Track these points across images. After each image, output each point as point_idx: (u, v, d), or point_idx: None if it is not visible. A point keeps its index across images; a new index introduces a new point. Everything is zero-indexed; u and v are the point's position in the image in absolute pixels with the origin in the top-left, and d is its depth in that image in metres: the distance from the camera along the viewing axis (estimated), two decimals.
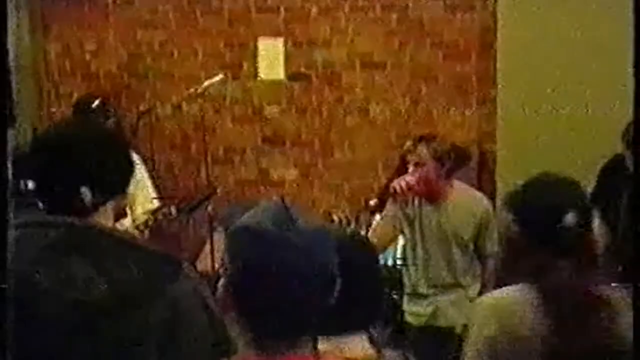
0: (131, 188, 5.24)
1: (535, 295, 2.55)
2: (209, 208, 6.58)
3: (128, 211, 5.14)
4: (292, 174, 7.56)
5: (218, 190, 6.16)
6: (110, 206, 2.29)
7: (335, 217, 6.14)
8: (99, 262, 2.08)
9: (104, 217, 2.27)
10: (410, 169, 4.73)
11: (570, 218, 2.57)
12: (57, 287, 2.05)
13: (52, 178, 2.23)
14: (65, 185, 2.21)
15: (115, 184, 2.32)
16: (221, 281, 1.80)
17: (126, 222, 4.93)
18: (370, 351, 2.19)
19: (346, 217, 6.17)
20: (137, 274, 2.10)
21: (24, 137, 7.50)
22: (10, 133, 5.89)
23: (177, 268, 2.19)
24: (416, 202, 4.82)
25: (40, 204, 2.26)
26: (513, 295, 2.61)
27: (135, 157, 5.44)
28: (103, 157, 2.27)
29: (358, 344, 2.15)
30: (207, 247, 6.84)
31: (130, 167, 2.39)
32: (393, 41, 7.07)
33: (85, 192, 2.20)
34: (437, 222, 4.79)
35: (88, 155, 2.24)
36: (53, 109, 8.24)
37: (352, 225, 5.95)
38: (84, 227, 2.16)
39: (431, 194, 4.76)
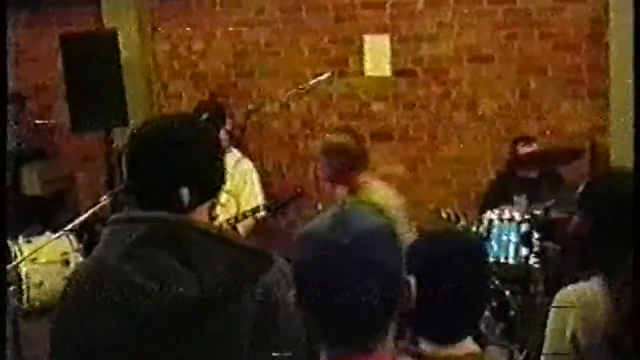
0: (240, 184, 5.40)
1: (609, 288, 2.54)
2: (319, 206, 6.62)
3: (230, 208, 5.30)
4: (399, 169, 7.54)
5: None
6: (205, 208, 2.26)
7: (444, 214, 6.08)
8: (186, 256, 2.08)
9: (200, 219, 2.23)
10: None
11: None
12: (145, 281, 2.05)
13: (152, 177, 2.21)
14: (165, 185, 2.19)
15: (212, 187, 2.29)
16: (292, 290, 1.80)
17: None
18: (474, 347, 2.21)
19: (455, 213, 6.11)
20: (224, 268, 2.08)
21: None
22: (125, 132, 6.06)
23: (268, 262, 2.16)
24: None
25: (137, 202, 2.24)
26: (594, 288, 2.61)
27: (239, 155, 5.58)
28: (205, 160, 2.26)
29: (462, 343, 2.20)
30: None
31: (225, 173, 2.36)
32: (500, 34, 6.96)
33: (185, 193, 2.18)
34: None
35: (191, 156, 2.21)
36: (163, 109, 8.42)
37: (462, 222, 5.90)
38: (173, 222, 2.14)
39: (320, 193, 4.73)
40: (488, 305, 2.32)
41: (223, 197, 5.27)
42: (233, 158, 5.62)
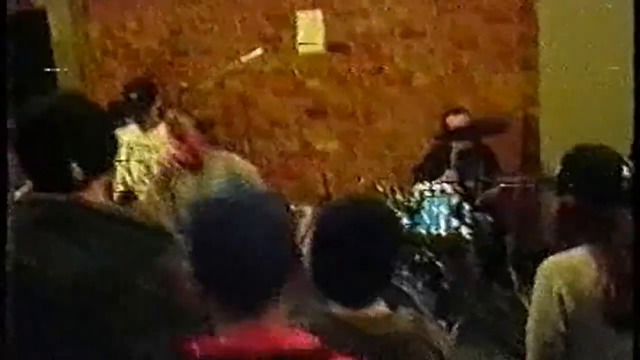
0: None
1: (600, 254, 2.61)
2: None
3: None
4: (335, 145, 7.56)
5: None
6: (99, 183, 2.27)
7: (380, 188, 6.10)
8: (80, 238, 2.08)
9: (94, 193, 2.24)
10: (172, 141, 4.99)
11: (626, 170, 2.69)
12: (41, 265, 2.05)
13: (42, 153, 2.19)
14: (54, 161, 2.18)
15: (102, 162, 2.30)
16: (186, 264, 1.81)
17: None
18: (384, 309, 2.25)
19: (391, 187, 6.13)
20: (120, 247, 2.09)
21: None
22: None
23: (166, 239, 2.18)
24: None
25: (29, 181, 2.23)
26: (579, 256, 2.66)
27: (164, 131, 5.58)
28: (92, 134, 2.24)
29: (372, 305, 2.25)
30: None
31: (116, 147, 2.37)
32: (431, 8, 6.99)
33: (75, 168, 2.17)
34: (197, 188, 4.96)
35: (77, 131, 2.20)
36: (97, 88, 8.32)
37: (398, 195, 5.92)
38: (67, 204, 2.15)
39: (194, 164, 5.01)
40: (398, 269, 2.39)
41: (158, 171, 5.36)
42: (162, 132, 5.62)
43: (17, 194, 2.27)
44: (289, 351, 1.74)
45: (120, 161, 5.42)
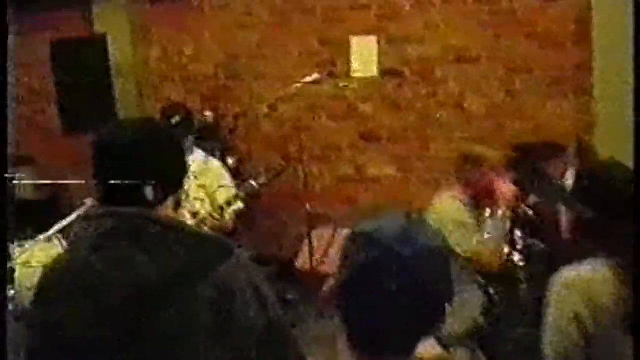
0: (213, 181, 5.47)
1: (615, 267, 2.59)
2: (307, 206, 6.65)
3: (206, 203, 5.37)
4: (389, 169, 7.58)
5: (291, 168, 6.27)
6: (170, 202, 2.38)
7: None
8: (146, 246, 2.19)
9: (164, 212, 2.35)
10: None
11: None
12: (108, 269, 2.17)
13: (118, 178, 2.29)
14: (130, 185, 2.28)
15: (173, 183, 2.41)
16: (330, 280, 1.79)
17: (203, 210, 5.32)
18: (440, 350, 2.21)
19: None
20: (182, 256, 2.19)
21: None
22: None
23: (227, 252, 2.27)
24: None
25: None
26: (592, 269, 2.64)
27: (204, 154, 5.62)
28: (164, 159, 2.37)
29: (427, 346, 2.20)
30: (306, 245, 6.91)
31: (185, 168, 2.49)
32: (486, 33, 7.01)
33: (149, 191, 2.29)
34: None
35: (152, 156, 2.33)
36: (154, 112, 8.44)
37: None
38: (137, 216, 2.25)
39: None
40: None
41: (200, 193, 5.39)
42: (199, 157, 5.68)
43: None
44: None
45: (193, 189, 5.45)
